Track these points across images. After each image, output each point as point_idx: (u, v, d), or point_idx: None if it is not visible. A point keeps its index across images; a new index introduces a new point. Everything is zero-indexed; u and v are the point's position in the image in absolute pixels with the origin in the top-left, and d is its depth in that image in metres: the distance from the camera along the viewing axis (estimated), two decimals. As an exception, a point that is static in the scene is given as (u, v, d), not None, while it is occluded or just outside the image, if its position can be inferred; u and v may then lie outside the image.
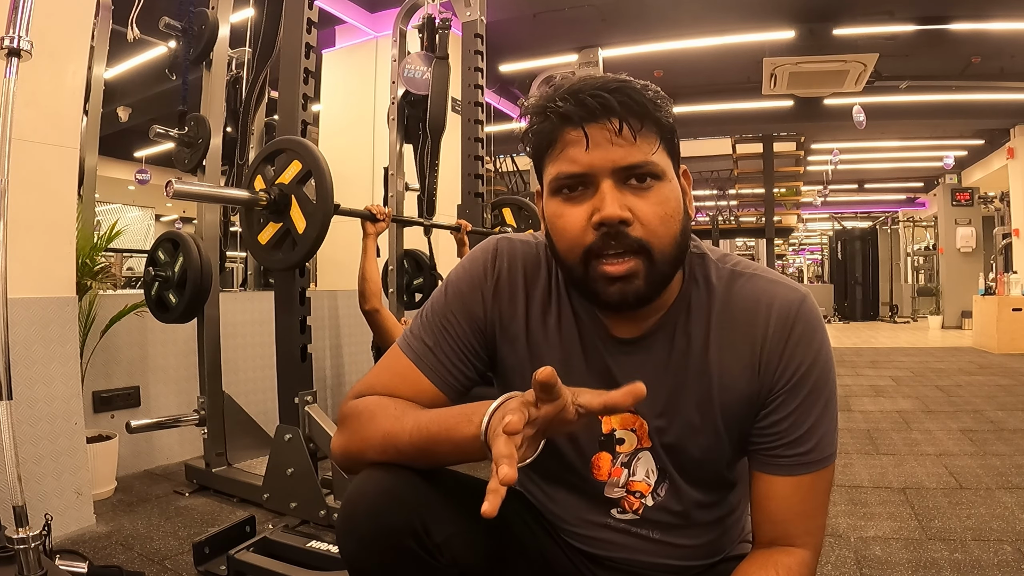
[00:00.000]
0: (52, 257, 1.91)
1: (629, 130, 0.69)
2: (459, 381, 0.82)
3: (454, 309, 0.81)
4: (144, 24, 2.70)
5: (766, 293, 0.76)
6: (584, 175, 0.70)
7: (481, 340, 0.82)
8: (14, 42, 1.30)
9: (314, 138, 4.74)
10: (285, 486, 1.93)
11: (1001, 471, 2.40)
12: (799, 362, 0.73)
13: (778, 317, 0.74)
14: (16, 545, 1.28)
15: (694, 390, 0.76)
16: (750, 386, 0.75)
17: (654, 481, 0.80)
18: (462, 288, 0.82)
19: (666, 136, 0.72)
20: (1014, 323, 6.47)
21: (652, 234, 0.70)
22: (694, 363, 0.76)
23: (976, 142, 9.87)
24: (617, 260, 0.69)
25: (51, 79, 1.88)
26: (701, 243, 0.82)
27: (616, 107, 0.68)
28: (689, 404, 0.77)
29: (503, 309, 0.82)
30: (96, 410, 2.45)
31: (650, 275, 0.70)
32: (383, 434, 0.74)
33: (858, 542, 1.78)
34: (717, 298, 0.77)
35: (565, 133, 0.70)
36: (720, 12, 5.64)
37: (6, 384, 1.30)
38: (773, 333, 0.74)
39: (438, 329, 0.81)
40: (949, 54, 6.28)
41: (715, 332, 0.76)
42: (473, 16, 3.06)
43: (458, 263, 0.87)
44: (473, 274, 0.83)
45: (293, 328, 1.96)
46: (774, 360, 0.74)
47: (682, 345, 0.77)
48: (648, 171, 0.70)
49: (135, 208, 10.42)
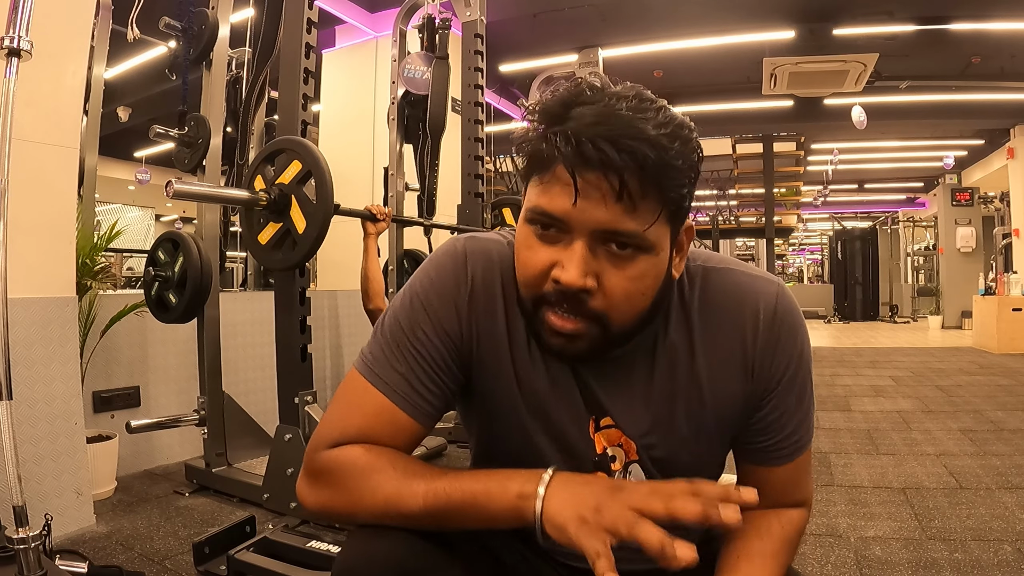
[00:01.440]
0: (52, 257, 1.91)
1: (628, 197, 0.59)
2: (436, 409, 0.73)
3: (425, 327, 0.71)
4: (144, 24, 2.70)
5: (745, 290, 0.72)
6: (561, 222, 0.62)
7: (457, 360, 0.73)
8: (14, 42, 1.30)
9: (314, 138, 4.73)
10: (285, 486, 1.93)
11: (1001, 471, 2.40)
12: (788, 357, 0.72)
13: (764, 315, 0.71)
14: (16, 545, 1.28)
15: (684, 400, 0.73)
16: (743, 387, 0.73)
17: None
18: (432, 301, 0.72)
19: (674, 206, 0.63)
20: (1014, 323, 6.47)
21: (612, 307, 0.63)
22: (682, 373, 0.73)
23: (976, 142, 9.86)
24: (566, 317, 0.64)
25: (51, 79, 1.88)
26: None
27: (620, 165, 0.58)
28: (679, 416, 0.73)
29: (480, 323, 0.73)
30: (96, 410, 2.45)
31: (598, 341, 0.65)
32: (384, 499, 0.66)
33: (858, 542, 1.78)
34: (695, 299, 0.73)
35: (558, 169, 0.61)
36: (720, 12, 5.64)
37: (6, 384, 1.30)
38: (762, 333, 0.71)
39: (409, 353, 0.71)
40: (949, 54, 6.27)
41: (699, 336, 0.72)
42: (473, 16, 3.06)
43: (419, 270, 0.76)
44: (443, 284, 0.73)
45: (293, 328, 1.96)
46: (766, 360, 0.72)
47: (666, 356, 0.73)
48: (635, 243, 0.62)
49: (135, 208, 10.42)
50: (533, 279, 0.65)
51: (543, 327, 0.66)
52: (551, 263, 0.63)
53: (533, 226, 0.65)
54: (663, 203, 0.62)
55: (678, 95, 7.89)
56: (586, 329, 0.64)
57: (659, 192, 0.61)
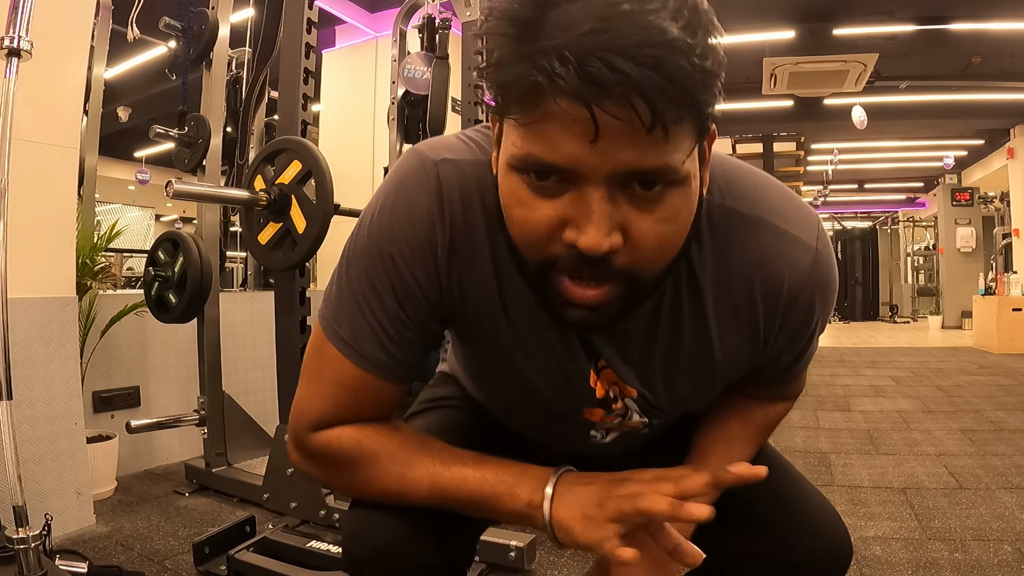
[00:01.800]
0: (52, 257, 1.90)
1: (661, 127, 0.45)
2: (419, 362, 0.66)
3: (397, 289, 0.60)
4: (144, 24, 2.70)
5: (772, 256, 0.60)
6: (567, 171, 0.48)
7: (437, 316, 0.64)
8: (14, 42, 1.30)
9: (314, 138, 4.73)
10: (285, 486, 1.93)
11: (1001, 471, 2.40)
12: (808, 330, 0.66)
13: (788, 294, 0.62)
14: (16, 545, 1.28)
15: (689, 359, 0.65)
16: (753, 356, 0.66)
17: (648, 417, 0.74)
18: (404, 254, 0.59)
19: (707, 124, 0.50)
20: (1014, 323, 6.47)
21: (644, 260, 0.51)
22: (689, 333, 0.63)
23: (976, 142, 9.87)
24: (588, 286, 0.51)
25: (51, 79, 1.88)
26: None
27: (647, 86, 0.43)
28: (683, 375, 0.67)
29: (463, 274, 0.61)
30: (96, 410, 2.45)
31: (627, 301, 0.54)
32: (383, 490, 0.64)
33: (858, 542, 1.78)
34: (710, 250, 0.61)
35: (553, 103, 0.45)
36: (720, 12, 5.52)
37: (6, 384, 1.30)
38: (782, 313, 0.63)
39: (382, 315, 0.61)
40: (949, 54, 6.27)
41: (712, 302, 0.62)
42: (473, 16, 3.05)
43: (384, 199, 0.61)
44: (416, 234, 0.59)
45: (293, 328, 1.96)
46: (783, 337, 0.65)
47: (673, 314, 0.63)
48: (665, 179, 0.49)
49: (135, 208, 10.42)
50: (537, 243, 0.51)
51: (556, 297, 0.53)
52: (559, 221, 0.50)
53: (522, 175, 0.50)
54: (698, 121, 0.48)
55: (678, 95, 7.88)
56: (612, 293, 0.52)
57: (695, 109, 0.47)
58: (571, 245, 0.49)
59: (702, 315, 0.63)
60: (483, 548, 1.63)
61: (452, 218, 0.59)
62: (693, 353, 0.65)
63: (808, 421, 3.41)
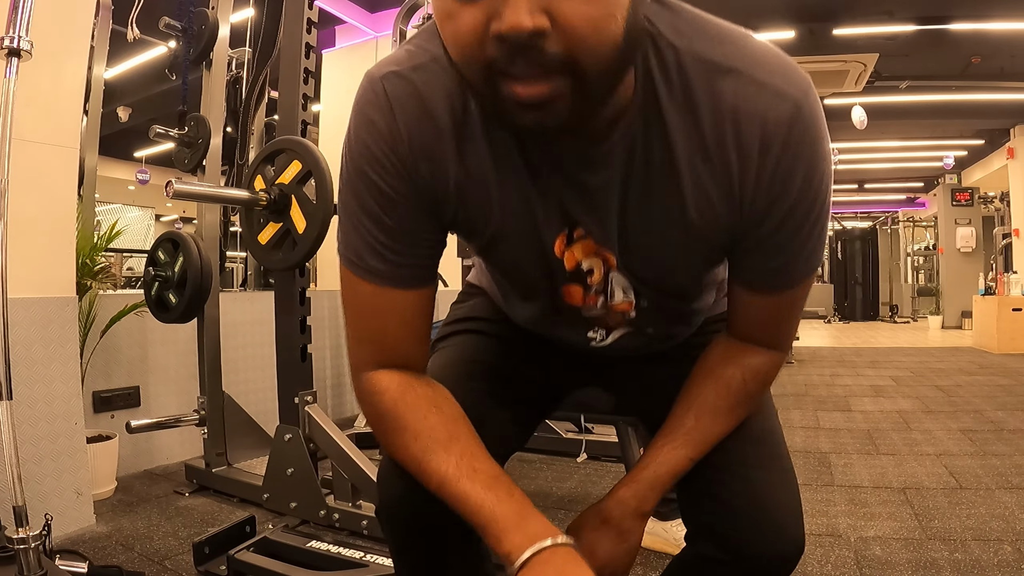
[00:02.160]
0: (52, 257, 1.91)
1: None
2: (427, 270, 0.70)
3: (379, 200, 0.65)
4: (144, 24, 2.70)
5: (751, 107, 0.58)
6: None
7: (430, 218, 0.68)
8: (14, 42, 1.30)
9: (314, 138, 4.73)
10: (285, 486, 1.93)
11: (1001, 471, 2.40)
12: (791, 193, 0.61)
13: (764, 143, 0.59)
14: (16, 545, 1.28)
15: (662, 215, 0.64)
16: (730, 216, 0.64)
17: (633, 297, 0.74)
18: (376, 170, 0.64)
19: None
20: (1014, 323, 6.47)
21: (579, 44, 0.49)
22: (659, 186, 0.63)
23: (976, 142, 9.86)
24: (530, 82, 0.50)
25: (51, 79, 1.88)
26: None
27: None
28: (657, 234, 0.66)
29: (438, 171, 0.65)
30: (96, 410, 2.45)
31: (578, 97, 0.52)
32: (402, 460, 0.69)
33: (858, 542, 1.78)
34: (684, 106, 0.60)
35: None
36: (720, 12, 5.61)
37: (6, 384, 1.30)
38: (757, 168, 0.60)
39: (376, 227, 0.65)
40: (949, 54, 6.27)
41: (684, 154, 0.61)
42: (473, 16, 3.06)
43: (349, 128, 0.66)
44: (380, 148, 0.64)
45: (293, 328, 1.96)
46: (760, 197, 0.61)
47: (645, 162, 0.62)
48: None
49: (135, 208, 10.42)
50: (471, 48, 0.51)
51: (506, 105, 0.52)
52: (485, 20, 0.49)
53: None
54: None
55: (678, 95, 7.88)
56: (558, 87, 0.50)
57: None
58: (498, 36, 0.48)
59: (674, 167, 0.62)
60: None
61: (407, 124, 0.63)
62: (665, 208, 0.64)
63: (808, 421, 3.41)
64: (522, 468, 2.60)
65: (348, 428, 3.11)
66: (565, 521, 0.81)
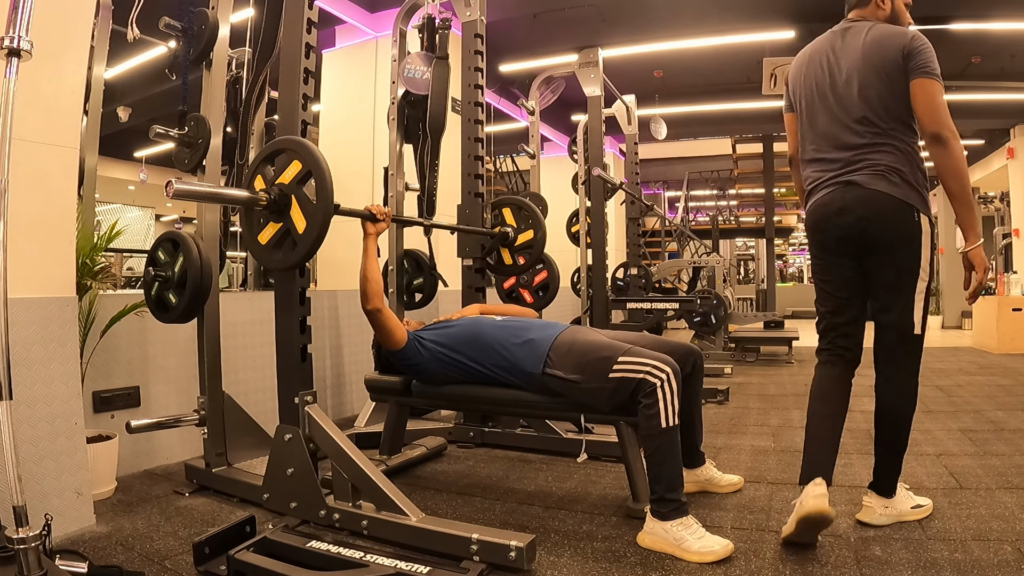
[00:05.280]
0: (52, 257, 1.91)
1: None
2: None
3: None
4: (144, 24, 2.70)
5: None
6: None
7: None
8: (14, 42, 1.30)
9: (314, 138, 4.74)
10: (285, 486, 1.93)
11: (1001, 471, 2.40)
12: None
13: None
14: (16, 545, 1.28)
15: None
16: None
17: None
18: None
19: None
20: (1014, 323, 6.47)
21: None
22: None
23: (976, 142, 9.87)
24: None
25: (51, 79, 1.88)
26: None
27: None
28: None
29: None
30: (96, 410, 2.45)
31: None
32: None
33: (858, 542, 1.78)
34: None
35: None
36: (720, 12, 5.64)
37: (6, 384, 1.30)
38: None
39: None
40: (949, 54, 6.27)
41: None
42: (473, 16, 3.06)
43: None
44: None
45: (293, 328, 1.96)
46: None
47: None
48: None
49: (135, 208, 10.42)
50: None
51: None
52: None
53: None
54: None
55: (678, 95, 7.89)
56: None
57: None
58: None
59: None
60: (483, 548, 1.63)
61: None
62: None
63: (808, 421, 3.41)
64: (522, 468, 2.60)
65: (348, 428, 3.11)
66: (565, 521, 0.81)
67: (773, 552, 1.73)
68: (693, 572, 1.63)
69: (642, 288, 5.61)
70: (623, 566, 1.68)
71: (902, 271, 1.80)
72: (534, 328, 2.15)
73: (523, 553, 1.59)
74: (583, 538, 1.86)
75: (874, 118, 1.80)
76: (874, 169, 1.79)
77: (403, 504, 1.79)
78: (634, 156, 5.77)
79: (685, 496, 1.80)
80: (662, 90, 7.69)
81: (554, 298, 3.92)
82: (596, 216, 4.49)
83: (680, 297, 5.48)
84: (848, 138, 1.84)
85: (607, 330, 2.27)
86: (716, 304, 6.03)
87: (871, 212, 1.79)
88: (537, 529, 1.91)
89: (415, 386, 2.32)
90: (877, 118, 1.80)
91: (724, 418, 3.55)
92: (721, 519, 1.99)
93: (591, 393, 1.93)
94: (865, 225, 1.81)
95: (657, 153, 10.73)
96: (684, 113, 8.35)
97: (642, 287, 5.62)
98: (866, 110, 1.81)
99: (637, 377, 1.83)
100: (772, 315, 7.66)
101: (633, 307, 4.79)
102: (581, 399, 1.98)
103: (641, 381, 1.82)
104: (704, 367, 2.21)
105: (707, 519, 1.96)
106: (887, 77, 1.77)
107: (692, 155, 11.92)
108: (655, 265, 6.86)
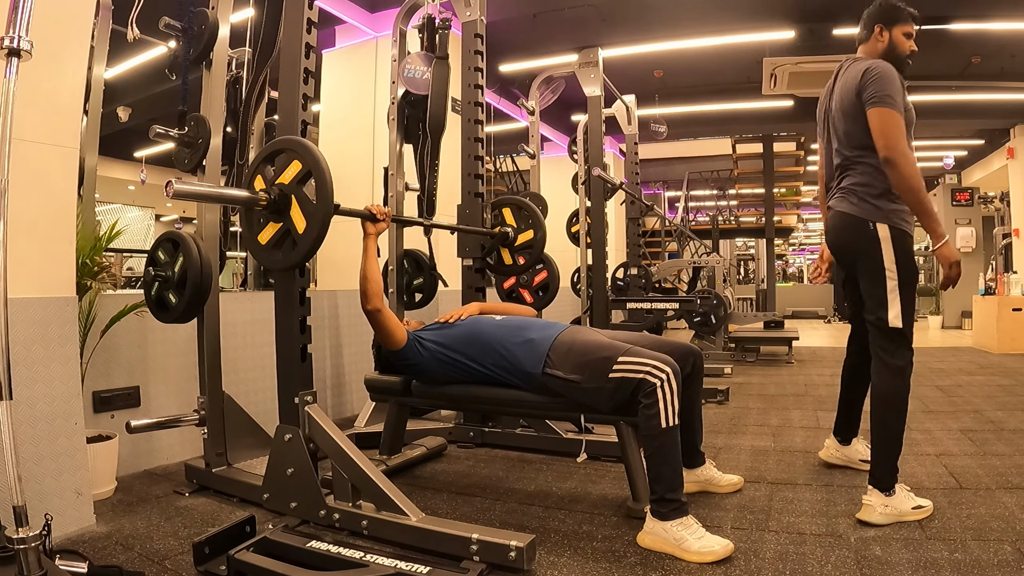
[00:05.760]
0: (52, 257, 1.91)
1: None
2: None
3: None
4: (144, 24, 2.70)
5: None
6: None
7: None
8: (14, 42, 1.30)
9: (314, 138, 4.73)
10: (285, 486, 1.93)
11: (1001, 471, 2.40)
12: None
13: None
14: (16, 545, 1.28)
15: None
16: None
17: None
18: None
19: None
20: (1014, 323, 6.47)
21: None
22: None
23: (976, 142, 9.87)
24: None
25: (51, 79, 1.88)
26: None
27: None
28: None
29: None
30: (96, 410, 2.45)
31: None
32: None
33: (858, 542, 1.78)
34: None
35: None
36: (720, 12, 5.64)
37: (6, 384, 1.30)
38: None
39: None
40: (949, 54, 6.28)
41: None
42: (473, 16, 3.06)
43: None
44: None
45: (293, 328, 1.96)
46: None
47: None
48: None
49: (135, 208, 10.41)
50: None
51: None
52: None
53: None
54: None
55: (678, 95, 7.89)
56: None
57: None
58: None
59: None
60: (483, 548, 1.63)
61: None
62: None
63: (808, 421, 3.41)
64: (522, 468, 2.60)
65: (348, 428, 3.11)
66: (565, 521, 0.81)
67: (773, 552, 1.73)
68: (693, 572, 1.63)
69: (642, 288, 5.61)
70: (623, 566, 1.68)
71: (870, 275, 2.06)
72: (534, 328, 2.15)
73: (523, 553, 1.59)
74: (583, 538, 1.86)
75: (843, 148, 2.12)
76: (840, 192, 2.13)
77: (403, 504, 1.79)
78: (634, 156, 5.77)
79: (685, 496, 1.80)
80: (662, 90, 7.69)
81: (554, 298, 3.92)
82: (596, 216, 4.49)
83: (680, 297, 5.48)
84: (834, 166, 2.18)
85: (607, 330, 2.28)
86: (716, 304, 6.02)
87: (835, 231, 2.16)
88: (537, 529, 1.91)
89: (415, 386, 2.32)
90: (846, 148, 2.11)
91: (724, 418, 3.55)
92: (721, 519, 1.99)
93: (591, 393, 1.93)
94: (837, 243, 2.18)
95: (657, 153, 10.73)
96: (684, 113, 8.35)
97: (642, 287, 5.62)
98: (841, 141, 2.13)
99: (637, 377, 1.83)
100: (772, 315, 7.65)
101: (633, 307, 4.78)
102: (581, 399, 1.98)
103: (641, 381, 1.82)
104: (704, 367, 2.21)
105: (707, 519, 1.96)
106: (852, 111, 2.06)
107: (692, 155, 11.92)
108: (655, 265, 6.86)
